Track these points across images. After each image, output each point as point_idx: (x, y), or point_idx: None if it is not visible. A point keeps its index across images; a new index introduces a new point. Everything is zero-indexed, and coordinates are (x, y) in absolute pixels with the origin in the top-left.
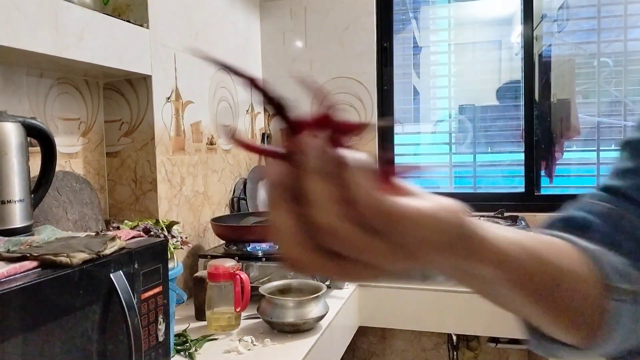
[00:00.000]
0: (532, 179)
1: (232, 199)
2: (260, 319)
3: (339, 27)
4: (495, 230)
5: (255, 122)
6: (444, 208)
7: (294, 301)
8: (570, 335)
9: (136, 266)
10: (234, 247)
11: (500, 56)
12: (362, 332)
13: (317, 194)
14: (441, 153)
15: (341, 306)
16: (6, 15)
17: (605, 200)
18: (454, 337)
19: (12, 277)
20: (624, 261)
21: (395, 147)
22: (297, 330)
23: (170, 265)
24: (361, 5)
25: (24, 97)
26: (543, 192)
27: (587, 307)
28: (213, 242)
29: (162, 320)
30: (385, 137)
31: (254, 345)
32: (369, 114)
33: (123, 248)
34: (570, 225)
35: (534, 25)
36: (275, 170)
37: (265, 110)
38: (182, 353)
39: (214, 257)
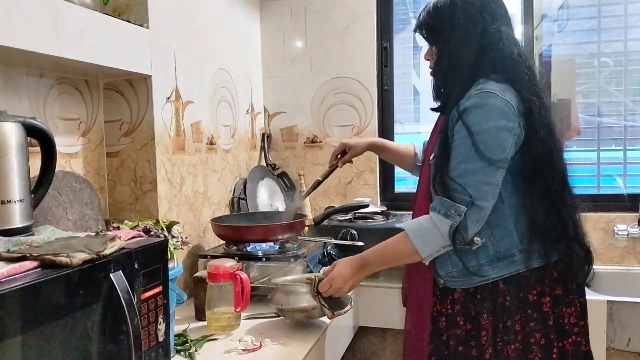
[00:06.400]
0: None
1: (232, 199)
2: (260, 319)
3: (339, 27)
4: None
5: (255, 122)
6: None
7: (306, 285)
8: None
9: (136, 266)
10: (234, 247)
11: None
12: (362, 332)
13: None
14: None
15: None
16: (6, 15)
17: None
18: None
19: (12, 277)
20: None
21: None
22: (308, 316)
23: (170, 265)
24: (361, 5)
25: (24, 97)
26: None
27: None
28: (213, 242)
29: (162, 320)
30: (385, 137)
31: (254, 345)
32: (369, 114)
33: (123, 248)
34: None
35: (534, 25)
36: None
37: (265, 110)
38: (182, 353)
39: (214, 257)
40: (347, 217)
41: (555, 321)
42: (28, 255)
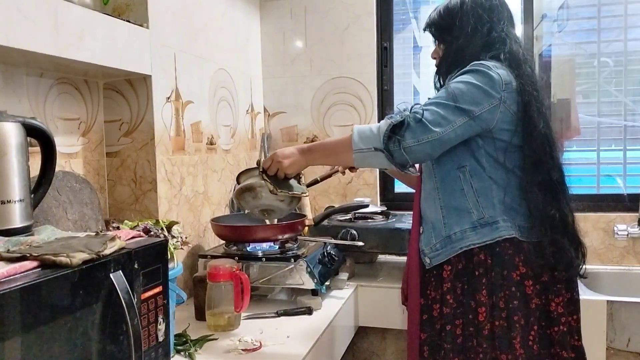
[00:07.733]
0: None
1: (232, 199)
2: (260, 319)
3: (339, 27)
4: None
5: (255, 122)
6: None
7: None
8: None
9: (136, 266)
10: (234, 247)
11: None
12: (362, 332)
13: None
14: None
15: (341, 306)
16: (6, 15)
17: None
18: None
19: (12, 277)
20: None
21: None
22: (255, 197)
23: (170, 265)
24: (361, 5)
25: (24, 97)
26: None
27: None
28: (213, 242)
29: (162, 320)
30: None
31: (254, 345)
32: (369, 114)
33: (123, 248)
34: None
35: (534, 25)
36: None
37: (265, 110)
38: (182, 353)
39: (214, 257)
40: (347, 217)
41: (538, 306)
42: (28, 255)
